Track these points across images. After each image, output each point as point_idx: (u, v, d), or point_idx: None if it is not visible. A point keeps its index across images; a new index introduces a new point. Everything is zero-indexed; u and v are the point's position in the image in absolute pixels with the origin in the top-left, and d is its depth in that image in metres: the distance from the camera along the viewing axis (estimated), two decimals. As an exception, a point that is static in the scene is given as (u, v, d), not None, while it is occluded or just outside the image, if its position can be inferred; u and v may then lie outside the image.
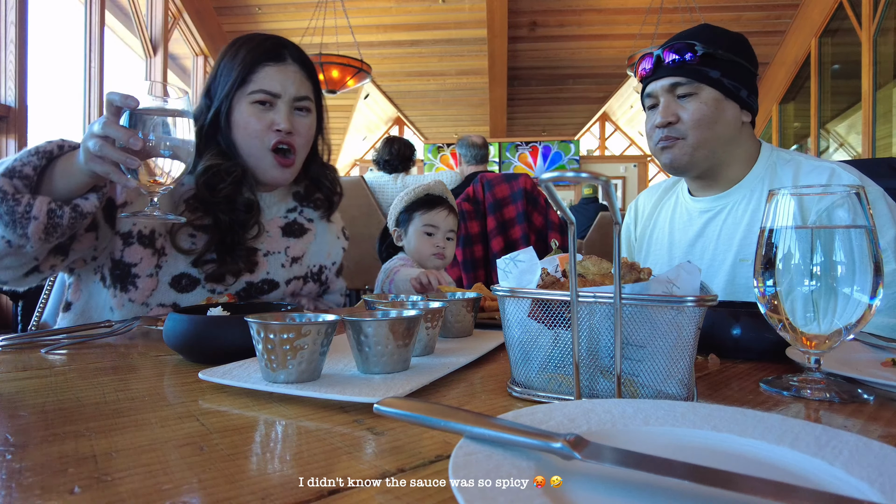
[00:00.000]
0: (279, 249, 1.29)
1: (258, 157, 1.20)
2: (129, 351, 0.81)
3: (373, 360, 0.61)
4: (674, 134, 1.21)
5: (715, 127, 1.19)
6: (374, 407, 0.43)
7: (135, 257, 1.12)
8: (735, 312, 0.78)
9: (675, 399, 0.52)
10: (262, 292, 1.26)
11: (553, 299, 0.55)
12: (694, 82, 1.18)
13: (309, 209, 1.37)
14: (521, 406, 0.55)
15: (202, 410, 0.53)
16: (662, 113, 1.21)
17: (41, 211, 0.92)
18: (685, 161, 1.22)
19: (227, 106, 1.18)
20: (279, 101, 1.19)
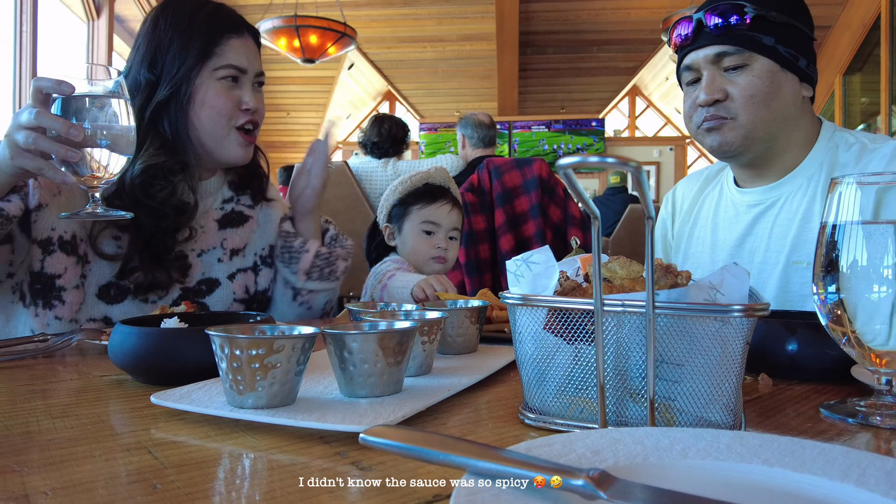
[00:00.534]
0: (214, 244, 1.32)
1: (221, 137, 1.24)
2: (67, 370, 0.81)
3: (358, 380, 0.61)
4: (722, 113, 1.19)
5: (771, 104, 1.17)
6: (359, 437, 0.43)
7: (58, 267, 1.13)
8: (790, 324, 0.78)
9: (719, 427, 0.52)
10: (201, 294, 1.29)
11: (573, 308, 0.55)
12: (744, 51, 1.16)
13: (246, 197, 1.40)
14: (536, 436, 0.55)
15: (155, 441, 0.53)
16: (707, 89, 1.18)
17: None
18: (737, 144, 1.20)
19: (188, 85, 1.20)
20: (244, 77, 1.24)
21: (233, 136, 1.24)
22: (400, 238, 1.70)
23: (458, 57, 8.42)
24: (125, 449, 0.50)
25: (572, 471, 0.36)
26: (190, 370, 0.70)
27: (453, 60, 8.52)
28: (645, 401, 0.53)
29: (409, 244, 1.67)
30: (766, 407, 0.66)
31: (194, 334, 0.71)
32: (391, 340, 0.62)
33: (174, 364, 0.71)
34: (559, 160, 0.44)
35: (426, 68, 8.84)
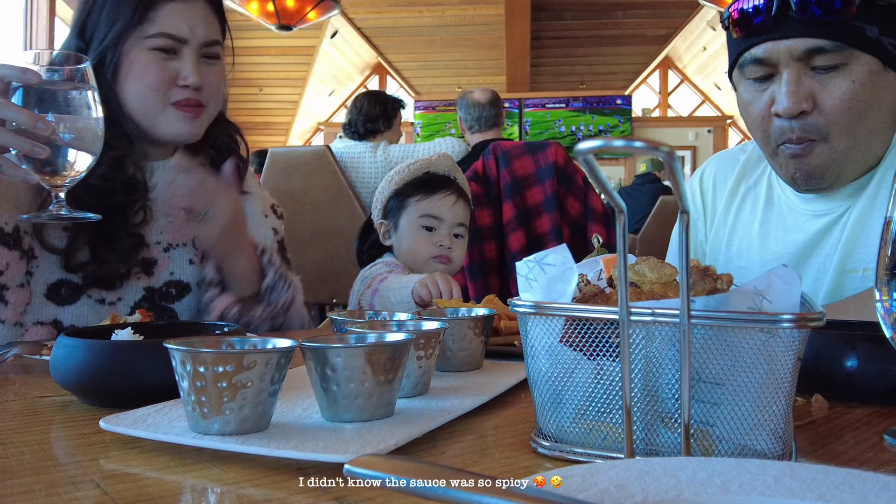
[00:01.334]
0: (185, 240, 1.32)
1: (153, 112, 1.23)
2: (1, 390, 0.81)
3: (343, 402, 0.61)
4: (809, 132, 1.08)
5: (869, 115, 1.08)
6: (344, 468, 0.43)
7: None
8: (850, 337, 0.78)
9: (765, 457, 0.52)
10: (169, 299, 1.29)
11: (595, 318, 0.55)
12: (845, 48, 1.04)
13: None
14: (551, 467, 0.55)
15: (105, 473, 0.53)
16: (791, 97, 1.06)
17: None
18: (831, 174, 1.12)
19: (114, 53, 1.20)
20: (185, 48, 1.22)
21: (170, 113, 1.23)
22: (396, 236, 1.68)
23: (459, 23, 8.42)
24: (70, 482, 0.50)
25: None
26: (146, 390, 0.70)
27: (454, 27, 8.52)
28: (679, 426, 0.53)
29: (406, 243, 1.65)
30: (821, 433, 0.66)
31: (151, 348, 0.72)
32: (381, 355, 0.62)
33: (127, 383, 0.71)
34: (578, 144, 0.44)
35: (422, 36, 8.85)
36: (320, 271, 3.24)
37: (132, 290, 1.26)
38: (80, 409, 0.73)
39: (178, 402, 0.66)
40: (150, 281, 1.28)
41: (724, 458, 0.47)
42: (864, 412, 0.74)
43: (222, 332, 0.84)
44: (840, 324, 0.89)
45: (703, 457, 0.52)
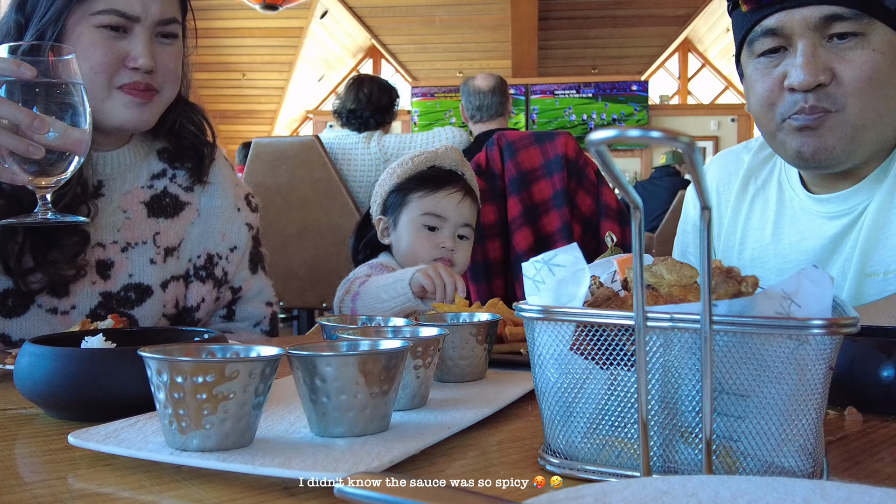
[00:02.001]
0: (144, 238, 1.31)
1: (101, 98, 1.20)
2: (-38, 402, 0.81)
3: (334, 415, 0.61)
4: (826, 104, 1.09)
5: (889, 91, 1.09)
6: (335, 488, 0.43)
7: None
8: (886, 344, 0.78)
9: (794, 475, 0.52)
10: (128, 304, 1.27)
11: (609, 324, 0.55)
12: (863, 16, 1.05)
13: (183, 174, 1.38)
14: (561, 485, 0.55)
15: (74, 493, 0.53)
16: (807, 67, 1.07)
17: None
18: (839, 150, 1.11)
19: (55, 28, 1.17)
20: (137, 27, 1.19)
21: (116, 98, 1.21)
22: (394, 234, 1.68)
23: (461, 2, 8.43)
24: (36, 503, 0.50)
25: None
26: (119, 402, 0.70)
27: (455, 7, 8.52)
28: (700, 442, 0.53)
29: (405, 242, 1.65)
30: (855, 449, 0.66)
31: (124, 356, 0.72)
32: (376, 365, 0.62)
33: (99, 394, 0.71)
34: (590, 134, 0.44)
35: (420, 17, 8.85)
36: (309, 273, 3.24)
37: (87, 296, 1.24)
38: (48, 422, 0.73)
39: (154, 415, 0.66)
40: (106, 285, 1.26)
41: (750, 477, 0.47)
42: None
43: (202, 340, 0.84)
44: (875, 330, 0.89)
45: (726, 475, 0.52)
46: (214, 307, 1.41)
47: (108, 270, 1.26)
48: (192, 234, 1.38)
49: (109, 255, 1.27)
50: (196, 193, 1.39)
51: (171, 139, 1.36)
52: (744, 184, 1.38)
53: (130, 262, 1.29)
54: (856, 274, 1.19)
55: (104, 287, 1.26)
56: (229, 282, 1.42)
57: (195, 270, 1.37)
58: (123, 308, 1.27)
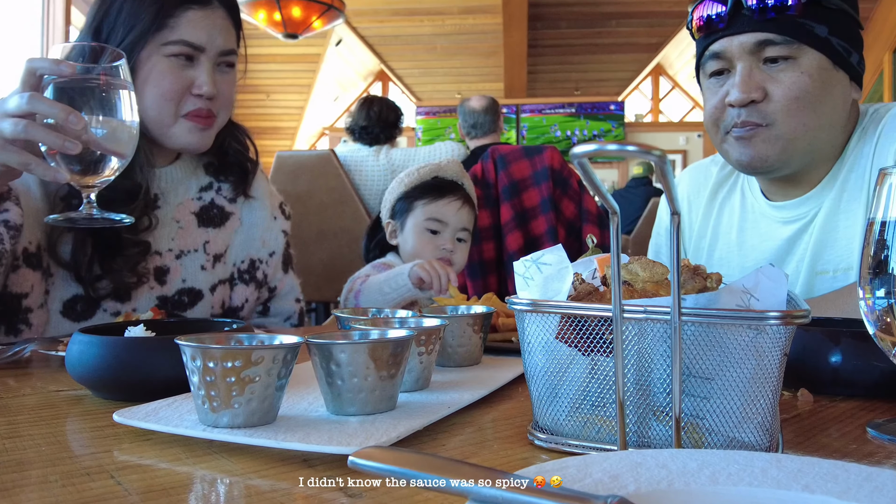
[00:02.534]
0: (196, 246, 1.29)
1: (166, 123, 1.19)
2: (19, 384, 0.81)
3: (347, 396, 0.61)
4: (756, 118, 1.10)
5: (819, 109, 1.09)
6: (349, 460, 0.43)
7: (24, 285, 1.11)
8: (834, 333, 0.78)
9: (753, 449, 0.52)
10: (182, 307, 1.26)
11: (589, 315, 0.55)
12: (794, 42, 1.07)
13: (227, 186, 1.37)
14: (547, 458, 0.55)
15: (118, 464, 0.53)
16: (742, 86, 1.09)
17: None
18: (772, 159, 1.12)
19: (131, 58, 1.14)
20: (202, 56, 1.18)
21: (181, 124, 1.19)
22: (402, 236, 1.69)
23: (459, 32, 8.41)
24: (85, 473, 0.50)
25: (588, 498, 0.36)
26: (158, 384, 0.70)
27: (454, 36, 8.51)
28: (670, 419, 0.53)
29: (410, 243, 1.66)
30: (807, 426, 0.66)
31: (162, 344, 0.72)
32: (384, 351, 0.62)
33: (140, 378, 0.71)
34: (574, 148, 0.44)
35: (423, 45, 8.84)
36: (325, 270, 3.24)
37: (146, 300, 1.22)
38: (95, 402, 0.73)
39: (188, 396, 0.66)
40: (162, 290, 1.25)
41: (714, 450, 0.47)
42: (848, 406, 0.74)
43: (231, 329, 0.84)
44: (824, 321, 0.89)
45: (693, 449, 0.52)
46: (256, 305, 1.41)
47: (164, 276, 1.25)
48: (236, 242, 1.36)
49: (165, 262, 1.25)
50: (238, 204, 1.38)
51: (217, 154, 1.34)
52: (713, 193, 1.38)
53: (184, 268, 1.28)
54: (808, 272, 1.19)
55: (160, 291, 1.24)
56: (268, 283, 1.41)
57: (239, 274, 1.36)
58: (177, 310, 1.25)
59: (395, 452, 0.43)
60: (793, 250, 1.23)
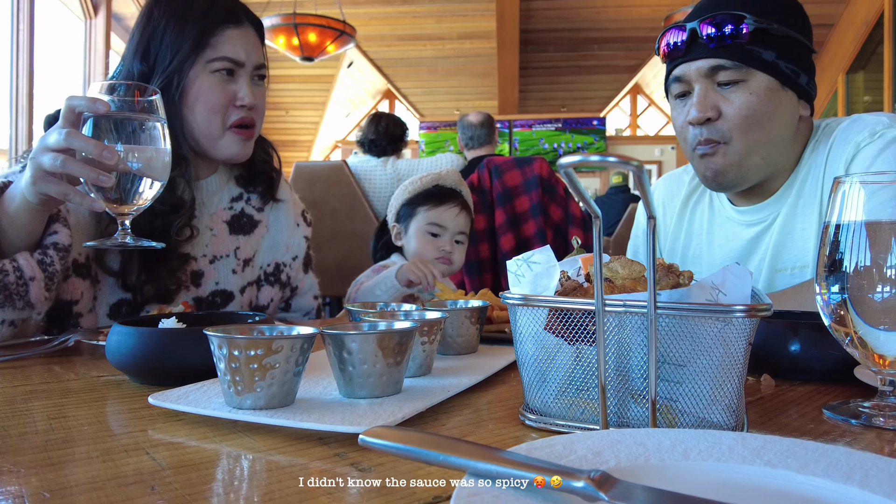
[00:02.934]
0: (227, 252, 1.29)
1: (215, 135, 1.19)
2: (65, 370, 0.81)
3: (358, 381, 0.61)
4: (715, 136, 1.11)
5: (767, 125, 1.10)
6: (359, 438, 0.43)
7: (74, 293, 1.11)
8: (793, 325, 0.78)
9: (721, 428, 0.52)
10: (215, 307, 1.26)
11: (575, 309, 0.55)
12: (742, 66, 1.08)
13: (255, 197, 1.36)
14: (537, 437, 0.55)
15: (152, 442, 0.53)
16: (699, 106, 1.11)
17: (32, 267, 0.93)
18: (732, 174, 1.13)
19: (180, 77, 1.15)
20: (241, 71, 1.19)
21: (227, 136, 1.20)
22: (406, 238, 1.70)
23: (457, 55, 8.41)
24: (123, 450, 0.50)
25: (573, 472, 0.36)
26: (188, 371, 0.70)
27: (453, 59, 8.51)
28: (646, 402, 0.53)
29: (413, 245, 1.67)
30: (769, 408, 0.66)
31: (192, 335, 0.72)
32: (391, 341, 0.62)
33: (172, 364, 0.71)
34: (560, 159, 0.44)
35: (426, 66, 8.83)
36: (338, 268, 3.24)
37: (182, 300, 1.22)
38: (132, 387, 0.73)
39: (215, 381, 0.66)
40: (198, 292, 1.24)
41: (686, 430, 0.47)
42: (805, 389, 0.74)
43: (254, 321, 0.84)
44: (785, 313, 0.89)
45: (667, 428, 0.52)
46: (279, 304, 1.41)
47: (199, 279, 1.24)
48: (263, 247, 1.36)
49: (200, 266, 1.25)
50: (265, 213, 1.37)
51: (246, 165, 1.34)
52: (685, 199, 1.38)
53: (217, 272, 1.27)
54: (768, 269, 1.20)
55: (196, 293, 1.24)
56: (291, 283, 1.41)
57: (265, 276, 1.36)
58: (210, 310, 1.25)
59: (401, 431, 0.43)
60: (755, 250, 1.24)
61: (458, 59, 8.50)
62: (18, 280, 0.92)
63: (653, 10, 7.26)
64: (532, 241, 2.49)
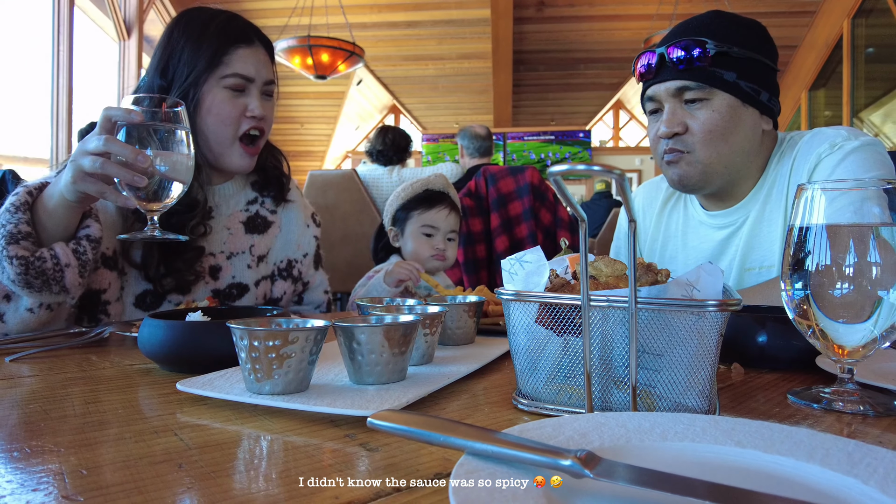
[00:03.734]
0: (243, 248, 1.30)
1: (225, 145, 1.21)
2: (100, 359, 0.81)
3: (366, 369, 0.61)
4: (680, 147, 1.13)
5: (730, 139, 1.12)
6: (367, 420, 0.43)
7: (103, 282, 1.12)
8: (761, 318, 0.78)
9: (695, 412, 0.52)
10: (232, 298, 1.27)
11: (562, 303, 0.55)
12: (705, 86, 1.10)
13: (269, 200, 1.38)
14: (528, 419, 0.55)
15: (180, 424, 0.53)
16: (667, 122, 1.13)
17: (67, 255, 0.96)
18: (695, 179, 1.15)
19: (195, 91, 1.17)
20: (252, 86, 1.20)
21: (235, 148, 1.21)
22: (402, 240, 1.71)
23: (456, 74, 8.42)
24: (153, 431, 0.50)
25: (561, 452, 0.36)
26: (212, 360, 0.70)
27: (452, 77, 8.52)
28: (628, 388, 0.53)
29: (410, 245, 1.68)
30: (739, 393, 0.66)
31: (216, 327, 0.72)
32: (396, 332, 0.62)
33: (198, 354, 0.71)
34: (549, 168, 0.44)
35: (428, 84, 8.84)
36: (348, 267, 3.24)
37: (202, 293, 1.23)
38: (161, 374, 0.73)
39: (237, 369, 0.66)
40: (216, 284, 1.25)
41: (663, 413, 0.47)
42: (772, 377, 0.74)
43: (272, 315, 0.84)
44: (753, 308, 0.89)
45: (646, 412, 0.52)
46: (291, 297, 1.41)
47: (217, 273, 1.25)
48: (276, 245, 1.36)
49: (218, 262, 1.26)
50: (278, 214, 1.38)
51: (259, 172, 1.36)
52: (663, 204, 1.39)
53: (233, 266, 1.28)
54: (738, 268, 1.20)
55: (214, 286, 1.25)
56: (302, 278, 1.41)
57: (279, 272, 1.36)
58: (227, 301, 1.26)
59: (405, 414, 0.43)
60: (726, 251, 1.24)
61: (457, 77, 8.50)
62: (55, 266, 0.94)
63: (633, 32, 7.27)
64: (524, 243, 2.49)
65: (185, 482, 0.40)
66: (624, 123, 10.45)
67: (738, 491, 0.32)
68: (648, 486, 0.33)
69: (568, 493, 0.35)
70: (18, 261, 0.91)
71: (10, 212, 0.94)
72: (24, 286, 0.93)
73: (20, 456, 0.44)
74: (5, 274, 0.92)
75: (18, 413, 0.55)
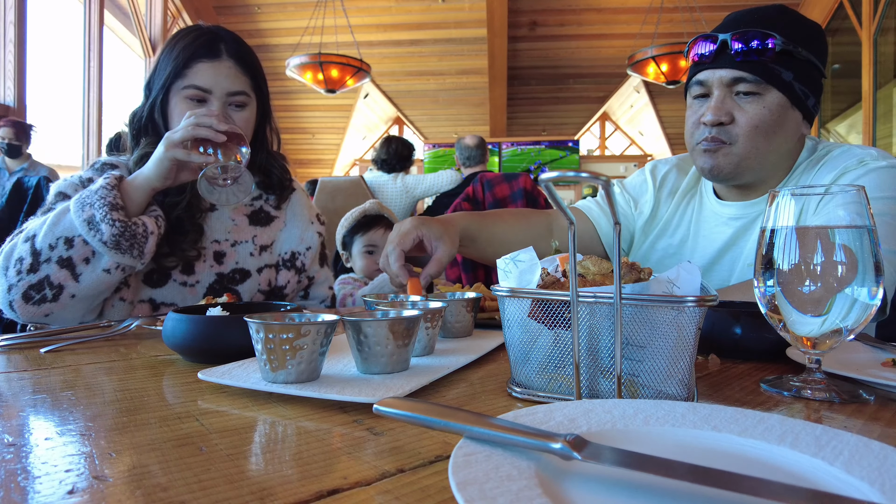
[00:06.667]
0: (246, 238, 1.32)
1: None
2: (128, 351, 0.81)
3: (372, 360, 0.61)
4: (722, 137, 1.05)
5: (772, 137, 1.04)
6: (373, 407, 0.43)
7: None
8: (736, 313, 0.78)
9: (675, 399, 0.52)
10: (235, 282, 1.29)
11: (553, 299, 0.55)
12: (762, 82, 1.01)
13: (273, 198, 1.39)
14: (521, 406, 0.55)
15: (201, 410, 0.53)
16: (714, 110, 1.04)
17: (153, 225, 1.07)
18: (728, 171, 1.07)
19: (161, 98, 1.20)
20: (211, 97, 1.19)
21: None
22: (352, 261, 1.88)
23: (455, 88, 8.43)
24: (176, 417, 0.50)
25: (552, 436, 0.36)
26: (231, 351, 0.70)
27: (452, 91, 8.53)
28: (613, 377, 0.53)
29: (359, 263, 1.84)
30: (715, 382, 0.66)
31: (235, 321, 0.72)
32: (400, 326, 0.62)
33: (218, 346, 0.71)
34: (541, 175, 0.44)
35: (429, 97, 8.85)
36: (356, 266, 3.24)
37: (207, 275, 1.24)
38: (184, 364, 0.73)
39: (253, 359, 0.66)
40: (220, 268, 1.26)
41: (646, 400, 0.47)
42: (746, 367, 0.74)
43: (286, 310, 0.84)
44: (728, 303, 0.89)
45: (630, 399, 0.52)
46: (297, 288, 1.41)
47: (221, 258, 1.27)
48: (281, 238, 1.38)
49: (223, 248, 1.28)
50: (282, 211, 1.39)
51: (264, 175, 1.37)
52: (689, 185, 1.29)
53: (237, 253, 1.29)
54: (743, 264, 1.15)
55: (219, 269, 1.26)
56: (306, 271, 1.42)
57: (283, 262, 1.37)
58: (231, 285, 1.27)
59: (409, 401, 0.43)
60: (735, 245, 1.17)
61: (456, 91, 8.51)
62: (144, 232, 1.05)
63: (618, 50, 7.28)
64: (518, 243, 2.49)
65: (205, 464, 0.40)
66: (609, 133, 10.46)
67: (715, 472, 0.32)
68: (632, 467, 0.33)
69: (558, 473, 0.35)
70: (120, 223, 1.01)
71: (106, 189, 1.04)
72: (114, 247, 1.01)
73: (54, 439, 0.44)
74: (98, 235, 1.00)
75: (52, 399, 0.55)
